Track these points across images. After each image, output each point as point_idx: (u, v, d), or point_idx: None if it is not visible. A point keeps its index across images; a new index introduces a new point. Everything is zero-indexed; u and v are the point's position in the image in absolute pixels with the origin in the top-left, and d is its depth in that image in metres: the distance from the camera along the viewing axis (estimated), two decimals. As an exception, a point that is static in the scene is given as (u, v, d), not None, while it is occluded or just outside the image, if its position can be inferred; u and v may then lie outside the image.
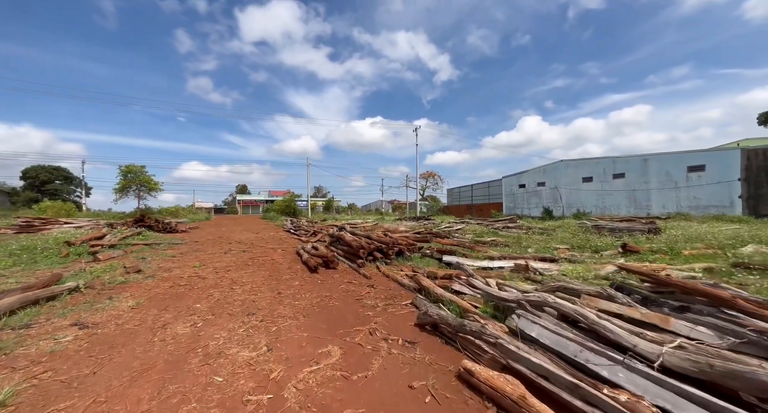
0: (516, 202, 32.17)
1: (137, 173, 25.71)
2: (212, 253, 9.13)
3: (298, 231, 16.42)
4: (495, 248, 8.92)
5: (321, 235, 13.38)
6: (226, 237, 13.98)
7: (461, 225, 15.76)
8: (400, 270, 6.65)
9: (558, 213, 26.99)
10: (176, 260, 7.93)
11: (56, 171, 59.08)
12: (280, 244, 11.51)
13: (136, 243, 10.07)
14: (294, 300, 4.56)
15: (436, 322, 3.30)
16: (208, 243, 11.65)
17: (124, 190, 26.07)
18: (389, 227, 15.70)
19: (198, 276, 6.13)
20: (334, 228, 16.85)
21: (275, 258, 8.28)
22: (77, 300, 4.37)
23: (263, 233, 16.57)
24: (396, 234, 10.46)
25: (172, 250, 9.65)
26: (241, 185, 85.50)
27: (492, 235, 12.81)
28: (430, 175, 46.66)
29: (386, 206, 73.34)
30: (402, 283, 5.43)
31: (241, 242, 12.27)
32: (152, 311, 4.00)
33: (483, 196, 37.34)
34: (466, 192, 39.86)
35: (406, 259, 7.64)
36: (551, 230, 13.71)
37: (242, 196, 65.85)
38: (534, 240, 10.81)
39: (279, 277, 6.08)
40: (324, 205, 44.85)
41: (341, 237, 8.84)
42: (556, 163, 27.70)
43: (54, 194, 57.27)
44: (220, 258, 8.34)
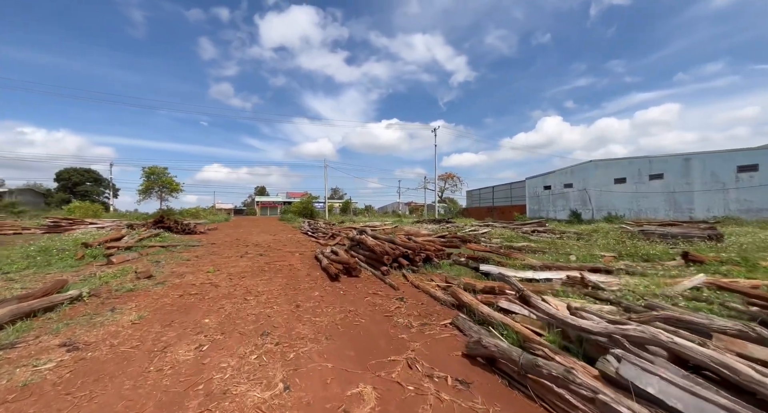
0: (540, 205, 30.71)
1: (160, 174, 26.20)
2: (228, 257, 8.73)
3: (315, 233, 15.99)
4: (532, 255, 8.08)
5: (340, 238, 12.85)
6: (243, 240, 13.69)
7: (486, 228, 14.87)
8: (429, 279, 5.97)
9: (587, 216, 25.48)
10: (190, 264, 7.55)
11: (87, 173, 61.75)
12: (298, 248, 11.05)
13: (153, 246, 9.83)
14: (314, 316, 3.97)
15: (493, 356, 2.61)
16: (225, 246, 11.34)
17: (147, 191, 26.61)
18: (410, 230, 15.00)
19: (211, 283, 5.66)
20: (352, 231, 16.32)
21: (293, 264, 7.77)
22: (77, 311, 3.95)
23: (280, 235, 16.24)
24: (419, 238, 9.78)
25: (187, 253, 9.33)
26: (260, 187, 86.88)
27: (522, 240, 11.90)
28: (449, 176, 45.57)
29: (403, 208, 72.55)
30: (435, 296, 4.75)
31: (258, 245, 11.90)
32: (155, 327, 3.50)
33: (505, 198, 35.96)
34: (487, 194, 38.54)
35: (434, 267, 6.95)
36: (587, 235, 12.64)
37: (261, 198, 66.74)
38: (572, 247, 9.86)
39: (297, 286, 5.52)
40: (341, 207, 44.57)
41: (362, 241, 8.24)
42: (585, 164, 26.19)
43: (84, 195, 59.79)
44: (236, 262, 7.91)
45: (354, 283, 5.77)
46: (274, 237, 15.29)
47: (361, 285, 5.59)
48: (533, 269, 6.07)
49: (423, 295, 4.95)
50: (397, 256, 6.94)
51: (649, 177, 21.89)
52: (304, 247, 11.15)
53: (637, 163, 22.68)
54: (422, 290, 5.20)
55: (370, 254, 7.50)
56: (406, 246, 7.28)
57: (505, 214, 35.05)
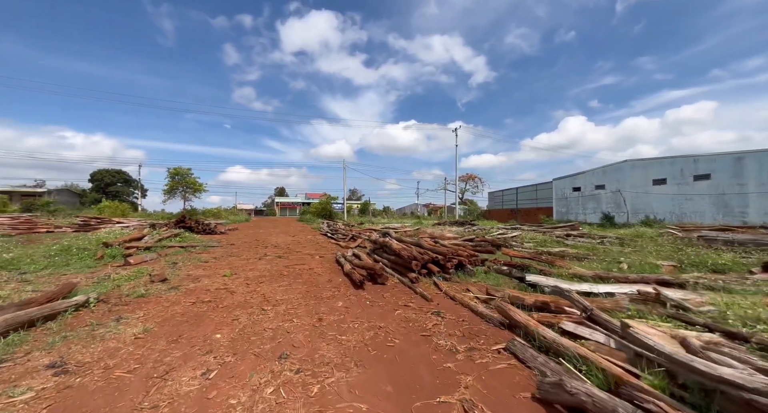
0: (569, 207, 29.11)
1: (184, 175, 26.79)
2: (246, 259, 8.38)
3: (335, 235, 15.57)
4: (578, 263, 7.23)
5: (361, 240, 12.34)
6: (262, 240, 13.44)
7: (515, 231, 13.95)
8: (465, 290, 5.31)
9: (621, 219, 23.82)
10: (208, 266, 7.22)
11: (118, 174, 64.74)
12: (318, 250, 10.61)
13: (172, 246, 9.65)
14: (339, 333, 3.42)
15: (582, 406, 1.95)
16: (244, 247, 11.07)
17: (171, 192, 27.26)
18: (434, 232, 14.30)
19: (226, 288, 5.23)
20: (373, 233, 15.78)
21: (313, 267, 7.29)
22: (80, 321, 3.58)
23: (300, 236, 15.94)
24: (446, 241, 9.10)
25: (206, 254, 9.07)
26: (280, 188, 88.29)
27: (557, 245, 10.96)
28: (469, 177, 44.25)
29: (421, 210, 71.56)
30: (478, 312, 4.09)
31: (277, 246, 11.57)
32: (159, 343, 3.05)
33: (529, 199, 34.44)
34: (510, 195, 37.07)
35: (468, 274, 6.27)
36: (629, 240, 11.52)
37: (280, 198, 67.63)
38: (617, 253, 8.88)
39: (319, 294, 5.00)
40: (360, 208, 44.25)
41: (387, 244, 7.65)
42: (619, 164, 24.52)
43: (115, 195, 62.74)
44: (254, 265, 7.52)
45: (380, 292, 5.19)
46: (293, 238, 14.99)
47: (388, 295, 5.00)
48: (586, 280, 5.28)
49: (462, 309, 4.31)
50: (427, 262, 6.32)
51: (694, 177, 20.11)
52: (323, 249, 10.70)
53: (680, 162, 20.92)
54: (460, 303, 4.55)
55: (395, 259, 6.91)
56: (436, 250, 6.64)
57: (530, 217, 33.55)
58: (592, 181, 26.94)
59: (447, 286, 5.42)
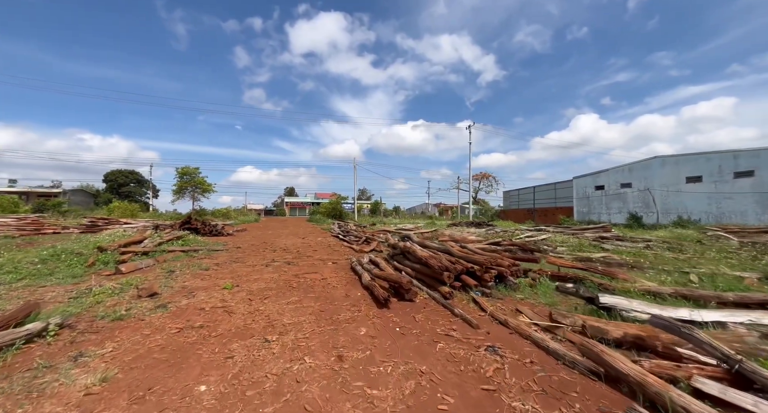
0: (591, 207, 27.58)
1: (192, 175, 26.35)
2: (251, 266, 7.54)
3: (347, 236, 14.69)
4: (638, 274, 6.14)
5: (376, 244, 11.41)
6: (270, 243, 12.65)
7: (542, 234, 12.80)
8: (514, 310, 4.32)
9: (650, 220, 22.30)
10: (207, 275, 6.38)
11: (131, 174, 65.44)
12: (330, 254, 9.73)
13: (173, 250, 8.90)
14: (368, 383, 2.48)
15: None
16: (251, 251, 10.26)
17: (180, 192, 26.87)
18: (454, 235, 13.27)
19: (224, 307, 4.36)
20: (388, 235, 14.82)
21: (326, 277, 6.38)
22: (27, 359, 2.73)
23: (310, 238, 15.11)
24: (470, 245, 8.07)
25: (208, 260, 8.28)
26: (289, 188, 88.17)
27: (596, 250, 9.83)
28: (483, 176, 42.77)
29: (432, 209, 70.33)
30: (546, 348, 3.09)
31: (287, 249, 10.74)
32: (120, 400, 2.17)
33: (548, 199, 32.94)
34: (527, 194, 35.59)
35: (510, 288, 5.27)
36: (677, 245, 10.29)
37: (290, 198, 67.34)
38: (673, 261, 7.73)
39: (335, 314, 4.09)
40: (370, 208, 43.36)
41: (409, 250, 6.69)
42: (648, 160, 22.96)
43: (128, 195, 63.42)
44: (260, 273, 6.67)
45: (410, 312, 4.24)
46: (303, 240, 14.17)
47: (421, 317, 4.05)
48: (664, 298, 4.22)
49: (522, 342, 3.32)
50: (460, 273, 5.35)
51: (735, 174, 18.51)
52: (336, 254, 9.81)
53: (717, 158, 19.33)
54: (515, 331, 3.56)
55: (421, 268, 5.96)
56: (470, 259, 5.65)
57: (548, 217, 32.10)
58: (617, 179, 25.41)
59: (490, 305, 4.44)
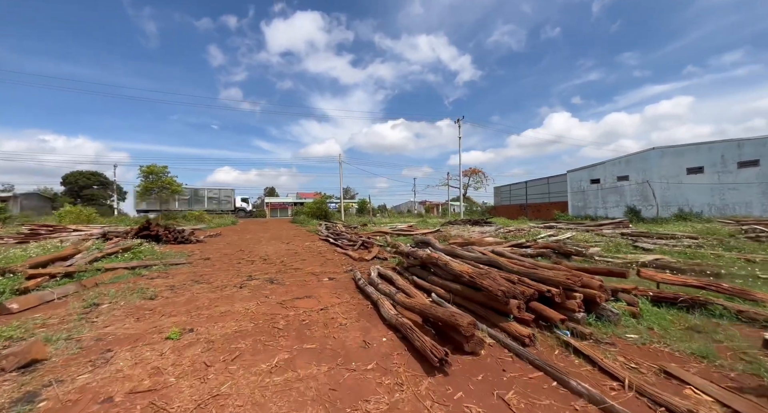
0: (587, 201, 26.85)
1: (159, 174, 23.40)
2: (219, 288, 5.52)
3: (339, 240, 12.75)
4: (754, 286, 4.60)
5: (377, 249, 9.54)
6: (248, 251, 10.53)
7: (567, 232, 11.35)
8: (661, 371, 2.60)
9: (649, 213, 21.63)
10: (150, 310, 4.33)
11: (93, 176, 60.19)
12: (323, 264, 7.81)
13: (115, 268, 6.70)
14: None
15: None
16: (222, 263, 8.17)
17: (145, 194, 23.84)
18: (463, 235, 11.60)
19: (154, 389, 2.40)
20: (385, 236, 12.97)
21: (326, 304, 4.48)
22: None
23: (296, 243, 13.06)
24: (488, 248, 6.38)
25: (162, 280, 6.17)
26: (269, 188, 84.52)
27: (637, 251, 8.41)
28: (473, 172, 41.69)
29: (418, 207, 69.14)
30: None
31: (268, 259, 8.71)
32: None
33: (541, 194, 32.13)
34: (519, 190, 34.70)
35: (607, 321, 3.57)
36: (719, 242, 9.06)
37: (270, 199, 64.10)
38: (742, 263, 6.37)
39: (360, 399, 2.22)
40: (358, 207, 41.38)
41: (436, 263, 4.90)
42: (645, 152, 22.29)
43: (91, 199, 58.30)
44: (230, 300, 4.68)
45: (483, 380, 2.44)
46: (288, 246, 12.11)
47: (512, 397, 2.25)
48: None
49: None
50: (529, 298, 3.62)
51: (738, 164, 17.96)
52: (331, 264, 7.90)
53: (720, 148, 18.75)
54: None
55: (462, 289, 4.19)
56: (539, 276, 3.93)
57: (542, 212, 31.27)
58: (613, 172, 24.71)
59: (603, 355, 2.72)
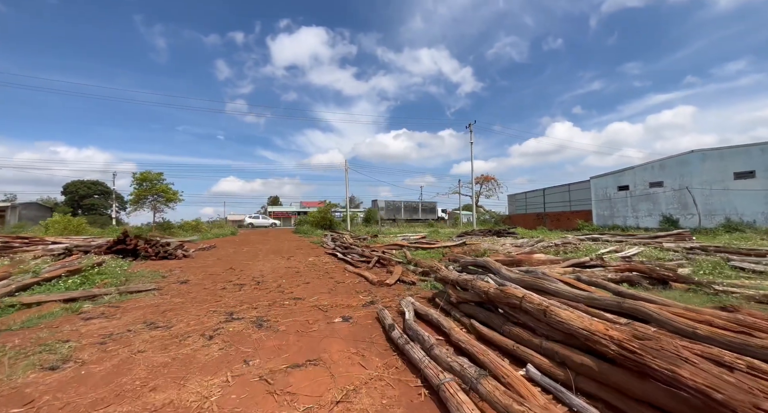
0: (614, 209, 24.76)
1: (154, 181, 21.83)
2: (177, 340, 3.61)
3: (348, 254, 10.84)
4: None
5: (400, 270, 7.56)
6: (240, 269, 8.65)
7: (633, 248, 9.32)
8: None
9: (689, 223, 19.50)
10: (31, 399, 2.43)
11: (94, 185, 59.20)
12: (333, 292, 5.88)
13: (43, 301, 4.83)
14: None
15: None
16: (201, 290, 6.28)
17: (139, 201, 22.25)
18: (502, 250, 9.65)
19: None
20: (404, 251, 10.99)
21: (345, 383, 2.53)
22: None
23: (298, 258, 11.17)
24: (546, 265, 4.44)
25: (99, 321, 4.28)
26: (273, 196, 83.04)
27: (745, 273, 6.41)
28: (485, 179, 39.70)
29: (425, 216, 67.10)
30: None
31: (262, 282, 6.82)
32: None
33: (560, 202, 30.08)
34: (536, 198, 32.66)
35: None
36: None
37: (273, 208, 62.51)
38: None
39: None
40: (365, 216, 39.51)
41: (521, 305, 2.96)
42: (683, 156, 20.30)
43: (91, 208, 57.21)
44: (181, 374, 2.76)
45: None
46: (289, 261, 10.23)
47: None
48: None
49: None
50: None
51: (799, 168, 15.94)
52: (342, 290, 5.97)
53: (774, 149, 16.76)
54: None
55: (592, 367, 2.25)
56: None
57: (562, 222, 29.14)
58: (645, 178, 22.67)
59: None
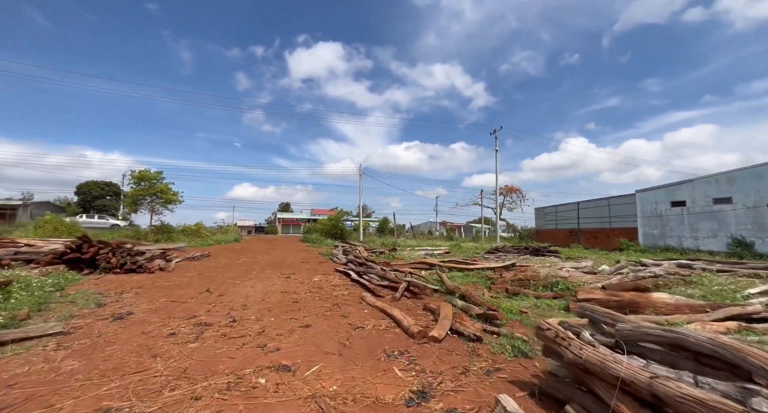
0: (665, 228, 21.55)
1: (152, 181, 20.07)
2: None
3: (364, 274, 8.36)
4: None
5: (447, 310, 4.95)
6: (218, 294, 6.30)
7: None
8: None
9: (767, 248, 16.27)
10: None
11: (107, 186, 58.97)
12: (345, 353, 3.39)
13: None
14: None
15: None
16: (128, 340, 3.90)
17: (136, 202, 20.53)
18: (585, 280, 7.03)
19: None
20: (439, 273, 8.42)
21: None
22: None
23: (300, 275, 8.78)
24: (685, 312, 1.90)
25: None
26: (284, 203, 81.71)
27: None
28: (510, 190, 36.68)
29: (439, 228, 64.24)
30: None
31: (239, 320, 4.41)
32: None
33: (597, 217, 26.92)
34: (568, 212, 29.51)
35: None
36: None
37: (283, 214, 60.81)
38: None
39: None
40: (378, 227, 37.02)
41: None
42: (759, 168, 17.24)
43: (102, 209, 56.76)
44: None
45: None
46: (288, 281, 7.84)
47: None
48: None
49: None
50: None
51: None
52: (362, 344, 3.47)
53: None
54: None
55: None
56: None
57: (600, 240, 25.94)
58: (707, 193, 19.52)
59: None
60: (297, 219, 57.29)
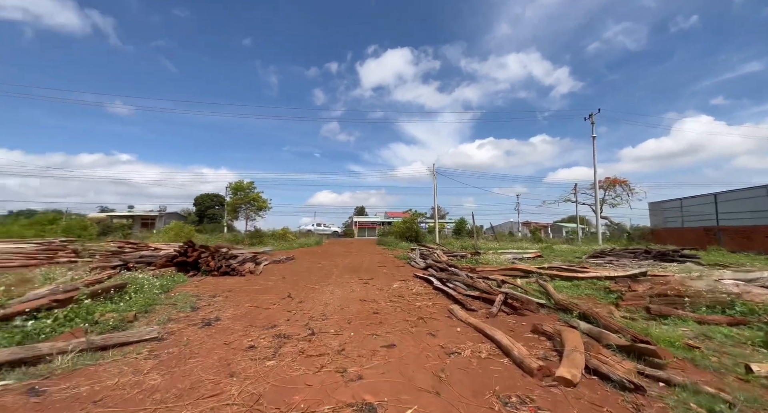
0: None
1: (246, 191, 22.73)
2: None
3: (448, 281, 7.43)
4: None
5: (577, 339, 3.69)
6: (298, 300, 6.14)
7: None
8: None
9: None
10: None
11: (216, 198, 69.46)
12: (442, 391, 2.57)
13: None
14: None
15: None
16: (210, 352, 3.74)
17: (234, 211, 23.43)
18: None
19: None
20: (527, 277, 7.06)
21: None
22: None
23: (379, 281, 8.31)
24: None
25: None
26: (359, 207, 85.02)
27: None
28: (614, 182, 30.87)
29: (522, 229, 58.66)
30: None
31: (317, 334, 3.97)
32: None
33: (746, 212, 20.63)
34: (701, 206, 23.14)
35: None
36: None
37: (359, 218, 63.11)
38: None
39: None
40: (454, 228, 35.39)
41: None
42: None
43: (212, 218, 67.41)
44: None
45: None
46: (366, 288, 7.40)
47: None
48: None
49: None
50: None
51: None
52: (462, 379, 2.59)
53: None
54: None
55: None
56: None
57: (754, 240, 19.86)
58: None
59: None
60: (372, 223, 58.74)
